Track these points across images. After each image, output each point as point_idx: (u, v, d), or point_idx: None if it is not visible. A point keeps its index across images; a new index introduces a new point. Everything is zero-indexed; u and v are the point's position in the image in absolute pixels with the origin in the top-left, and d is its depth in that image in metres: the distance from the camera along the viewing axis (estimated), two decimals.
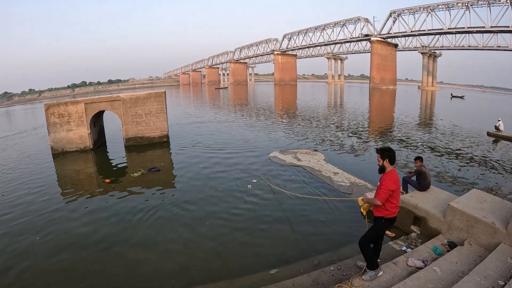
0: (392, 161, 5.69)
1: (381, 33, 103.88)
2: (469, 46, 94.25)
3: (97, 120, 20.96)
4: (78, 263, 7.53)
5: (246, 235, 8.63)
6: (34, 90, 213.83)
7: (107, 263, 7.53)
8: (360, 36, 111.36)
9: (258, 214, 9.88)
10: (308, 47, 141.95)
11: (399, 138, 21.93)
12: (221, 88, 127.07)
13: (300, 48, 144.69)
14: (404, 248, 7.32)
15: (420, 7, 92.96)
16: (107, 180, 13.87)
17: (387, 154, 5.68)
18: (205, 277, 6.83)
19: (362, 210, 5.96)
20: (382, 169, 5.77)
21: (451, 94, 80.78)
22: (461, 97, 74.84)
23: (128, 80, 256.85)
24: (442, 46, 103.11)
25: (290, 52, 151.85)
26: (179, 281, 6.76)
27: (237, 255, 7.70)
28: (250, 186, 12.13)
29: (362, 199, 5.91)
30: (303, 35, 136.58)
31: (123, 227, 9.32)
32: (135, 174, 14.31)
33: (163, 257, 7.66)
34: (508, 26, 76.17)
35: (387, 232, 7.55)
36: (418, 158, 9.65)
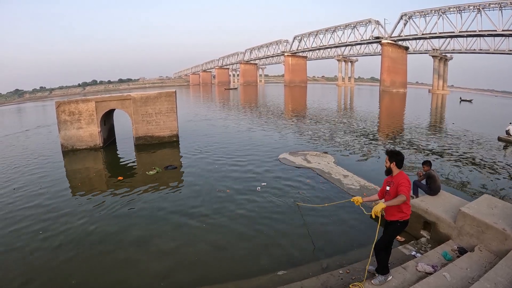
0: (400, 164, 5.70)
1: (392, 35, 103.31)
2: (481, 49, 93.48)
3: (107, 119, 21.14)
4: (74, 259, 7.68)
5: (253, 236, 8.65)
6: (45, 88, 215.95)
7: (104, 261, 7.63)
8: (370, 38, 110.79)
9: (266, 215, 9.88)
10: (319, 49, 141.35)
11: (409, 141, 21.81)
12: (231, 89, 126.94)
13: (310, 50, 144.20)
14: (413, 253, 7.29)
15: (431, 10, 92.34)
16: (120, 178, 14.03)
17: (395, 157, 5.68)
18: (212, 278, 6.87)
19: (375, 213, 5.40)
20: (389, 171, 5.77)
21: (460, 98, 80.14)
22: (470, 101, 74.16)
23: (139, 79, 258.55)
24: (453, 50, 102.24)
25: (300, 54, 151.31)
26: (184, 282, 6.80)
27: (244, 256, 7.72)
28: (259, 188, 12.11)
29: (381, 203, 5.39)
30: (314, 36, 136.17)
31: (127, 225, 9.43)
32: (150, 172, 14.42)
33: (166, 257, 7.72)
34: None
35: (397, 236, 7.51)
36: (426, 162, 9.60)
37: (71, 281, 6.83)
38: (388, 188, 5.76)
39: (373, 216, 5.39)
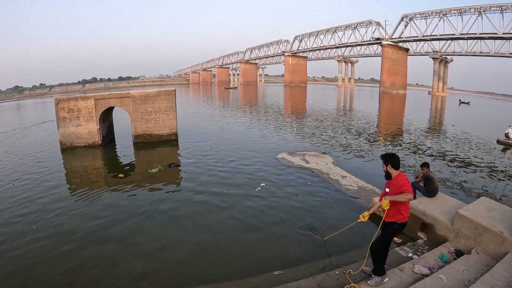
0: (396, 166, 5.71)
1: (393, 37, 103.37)
2: (481, 52, 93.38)
3: (106, 116, 21.12)
4: (63, 256, 7.70)
5: (250, 236, 8.64)
6: (45, 85, 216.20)
7: (96, 258, 7.63)
8: (371, 39, 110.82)
9: (264, 215, 9.87)
10: (319, 50, 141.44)
11: (408, 143, 21.79)
12: (231, 88, 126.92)
13: (310, 50, 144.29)
14: (410, 254, 7.28)
15: (432, 12, 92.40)
16: (121, 175, 14.06)
17: (389, 159, 5.71)
18: (209, 277, 6.85)
19: (384, 208, 5.56)
20: (388, 175, 5.77)
21: (460, 100, 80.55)
22: (467, 103, 74.56)
23: (139, 77, 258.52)
24: (454, 52, 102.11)
25: (300, 54, 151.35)
26: (180, 281, 6.80)
27: (241, 256, 7.72)
28: (259, 188, 12.08)
29: (385, 199, 5.56)
30: (314, 37, 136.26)
31: (124, 224, 9.42)
32: (153, 170, 14.41)
33: (163, 255, 7.70)
34: None
35: (394, 238, 7.50)
36: (425, 165, 9.62)
37: (55, 277, 6.86)
38: (387, 190, 5.77)
39: (385, 209, 5.56)
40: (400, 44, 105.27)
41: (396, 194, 5.52)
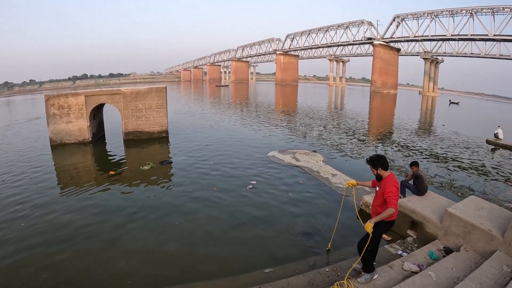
0: (385, 167, 5.68)
1: (384, 37, 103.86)
2: (472, 53, 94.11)
3: (97, 113, 20.95)
4: (47, 254, 7.64)
5: (241, 234, 8.64)
6: (35, 81, 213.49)
7: (80, 256, 7.56)
8: (363, 39, 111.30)
9: (254, 213, 9.86)
10: (311, 48, 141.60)
11: (398, 142, 21.93)
12: (222, 86, 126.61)
13: (302, 49, 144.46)
14: (400, 252, 7.32)
15: (424, 13, 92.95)
16: (112, 172, 13.95)
17: (377, 162, 5.68)
18: (198, 275, 6.82)
19: (369, 230, 5.35)
20: (379, 177, 5.76)
21: (450, 100, 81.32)
22: (457, 103, 75.25)
23: (130, 74, 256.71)
24: (445, 53, 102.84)
25: (292, 53, 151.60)
26: (172, 278, 6.77)
27: (231, 254, 7.69)
28: (249, 186, 12.04)
29: (369, 222, 5.37)
30: (306, 36, 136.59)
31: (107, 222, 9.33)
32: (144, 167, 14.34)
33: (152, 254, 7.66)
34: None
35: (383, 235, 7.51)
36: (414, 163, 9.66)
37: (42, 275, 6.81)
38: (377, 188, 5.78)
39: (369, 232, 5.36)
40: (391, 44, 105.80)
41: (380, 212, 5.49)
